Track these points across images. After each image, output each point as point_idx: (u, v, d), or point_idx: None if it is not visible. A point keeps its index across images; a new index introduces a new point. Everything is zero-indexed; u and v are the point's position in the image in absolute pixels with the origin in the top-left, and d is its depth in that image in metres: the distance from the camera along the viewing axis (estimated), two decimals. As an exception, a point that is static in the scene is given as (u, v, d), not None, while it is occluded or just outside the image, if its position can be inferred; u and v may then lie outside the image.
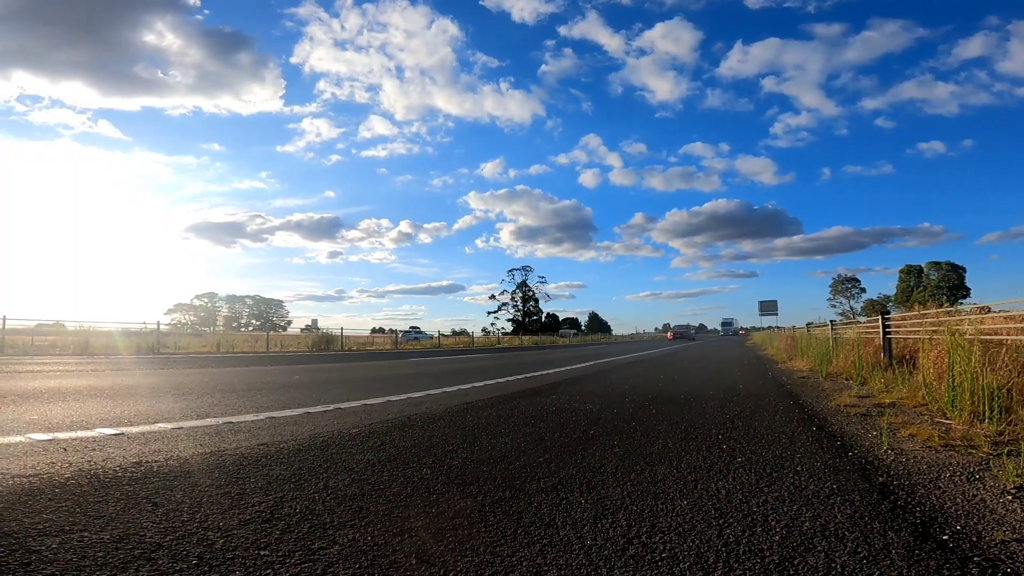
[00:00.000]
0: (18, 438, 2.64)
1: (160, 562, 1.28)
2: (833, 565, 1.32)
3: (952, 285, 59.11)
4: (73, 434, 2.76)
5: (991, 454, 2.47)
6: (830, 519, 1.64)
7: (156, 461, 2.23)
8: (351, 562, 1.31)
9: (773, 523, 1.60)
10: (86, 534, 1.44)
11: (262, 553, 1.35)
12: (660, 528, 1.56)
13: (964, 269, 61.61)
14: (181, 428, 3.00)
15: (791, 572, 1.29)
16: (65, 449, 2.41)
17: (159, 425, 3.06)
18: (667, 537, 1.50)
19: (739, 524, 1.60)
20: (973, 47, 77.01)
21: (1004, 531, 1.56)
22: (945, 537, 1.52)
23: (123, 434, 2.78)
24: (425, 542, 1.45)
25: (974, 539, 1.51)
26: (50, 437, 2.67)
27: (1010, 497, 1.87)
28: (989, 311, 5.38)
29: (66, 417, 3.30)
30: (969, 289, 59.80)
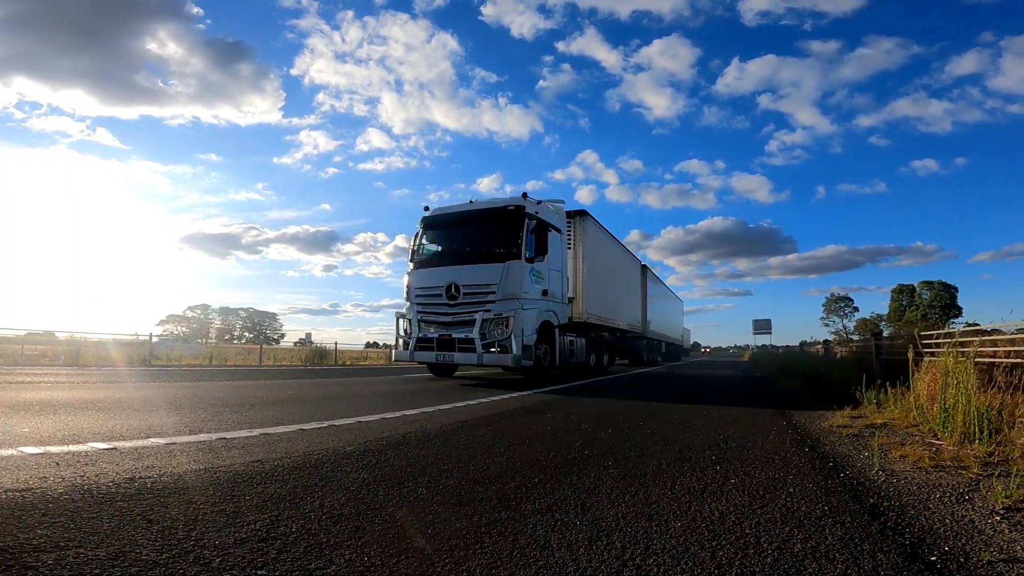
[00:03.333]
0: (9, 451, 2.62)
1: (156, 581, 1.28)
2: (824, 587, 1.34)
3: (944, 304, 59.60)
4: (65, 448, 2.74)
5: (981, 475, 2.50)
6: (821, 540, 1.66)
7: (150, 477, 2.22)
8: (347, 582, 1.32)
9: (765, 545, 1.62)
10: (82, 551, 1.43)
11: (259, 573, 1.36)
12: (654, 550, 1.58)
13: (956, 288, 62.16)
14: (174, 443, 2.98)
15: (783, 594, 1.30)
16: (57, 463, 2.40)
17: (152, 440, 3.04)
18: (661, 559, 1.51)
19: (732, 546, 1.61)
20: (967, 64, 78.54)
21: (992, 552, 1.58)
22: (933, 558, 1.54)
23: (116, 449, 2.76)
24: (421, 563, 1.46)
25: (962, 560, 1.53)
26: (42, 451, 2.65)
27: (998, 518, 1.90)
28: (983, 333, 5.46)
29: (58, 430, 3.27)
30: (961, 308, 60.31)
